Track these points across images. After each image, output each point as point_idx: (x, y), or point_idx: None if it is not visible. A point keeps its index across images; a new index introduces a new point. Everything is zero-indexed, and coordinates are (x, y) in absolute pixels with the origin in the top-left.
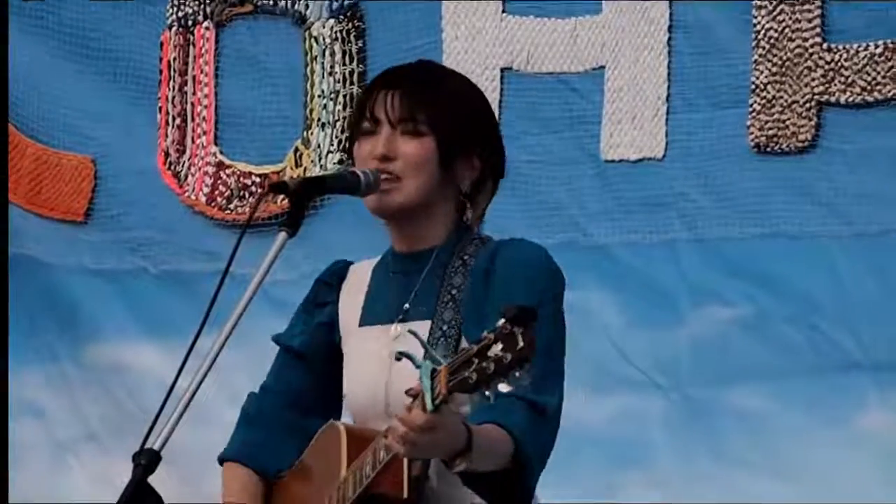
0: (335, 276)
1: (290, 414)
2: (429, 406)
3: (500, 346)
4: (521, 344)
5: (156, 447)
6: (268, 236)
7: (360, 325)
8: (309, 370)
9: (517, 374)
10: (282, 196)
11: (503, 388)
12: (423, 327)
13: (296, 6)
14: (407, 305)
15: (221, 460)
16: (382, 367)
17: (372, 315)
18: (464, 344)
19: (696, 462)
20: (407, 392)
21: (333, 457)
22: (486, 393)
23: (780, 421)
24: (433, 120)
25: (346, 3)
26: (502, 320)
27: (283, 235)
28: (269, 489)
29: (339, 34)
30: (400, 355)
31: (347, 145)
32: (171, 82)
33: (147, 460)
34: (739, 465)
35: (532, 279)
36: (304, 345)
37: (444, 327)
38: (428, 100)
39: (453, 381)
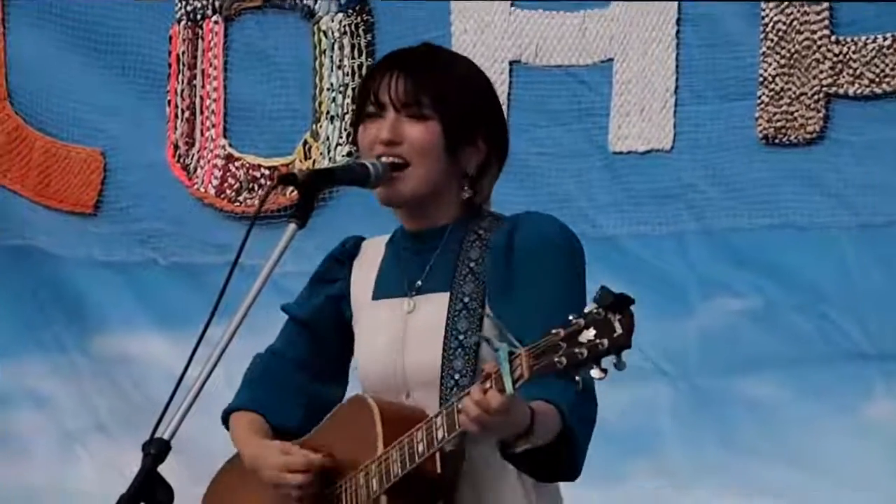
0: (346, 253)
1: (297, 376)
2: (508, 389)
3: (592, 331)
4: (618, 331)
5: (165, 437)
6: (277, 228)
7: (373, 299)
8: (315, 340)
9: (614, 360)
10: (291, 188)
11: (596, 374)
12: (441, 299)
13: (304, 0)
14: (420, 282)
15: (226, 415)
16: (396, 340)
17: (384, 289)
18: (488, 316)
19: (705, 451)
20: (481, 373)
21: (365, 431)
22: (577, 378)
23: (789, 410)
24: (438, 103)
25: None
26: (594, 306)
27: (292, 227)
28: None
29: (347, 28)
30: (481, 337)
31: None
32: (181, 76)
33: (157, 450)
34: (748, 454)
35: (553, 256)
36: (312, 316)
37: (465, 300)
38: (433, 83)
39: (538, 365)
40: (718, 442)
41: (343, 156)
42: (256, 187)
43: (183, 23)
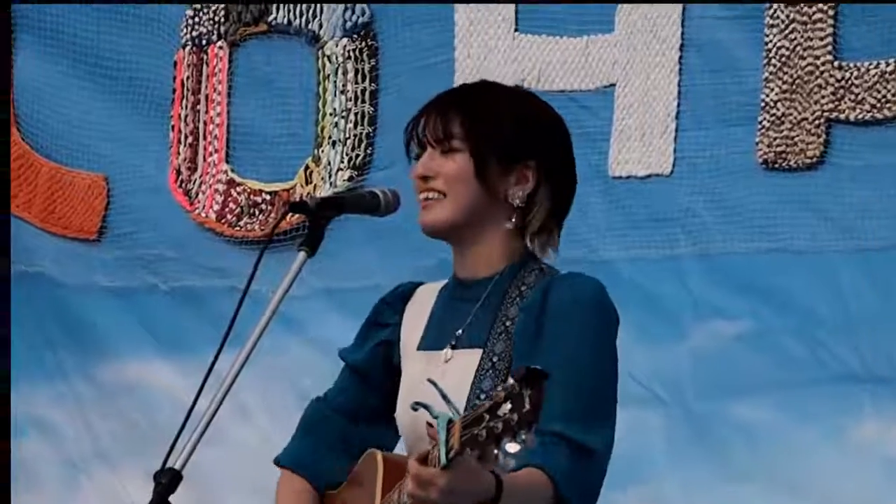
0: (399, 298)
1: (347, 426)
2: (442, 460)
3: (508, 405)
4: (527, 406)
5: (177, 467)
6: (279, 252)
7: (418, 349)
8: (367, 387)
9: (523, 435)
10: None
11: (511, 448)
12: (473, 356)
13: (310, 25)
14: (460, 332)
15: (278, 463)
16: (427, 392)
17: (429, 340)
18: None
19: (698, 476)
20: (428, 433)
21: (369, 484)
22: (496, 451)
23: (782, 434)
24: (466, 135)
25: (359, 21)
26: (511, 380)
27: (302, 255)
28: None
29: (352, 53)
30: (416, 406)
31: (357, 162)
32: (184, 101)
33: (168, 479)
34: (742, 479)
35: (581, 320)
36: (363, 362)
37: (495, 359)
38: (460, 116)
39: (466, 436)
40: (712, 467)
41: (344, 180)
42: (257, 212)
43: (188, 48)
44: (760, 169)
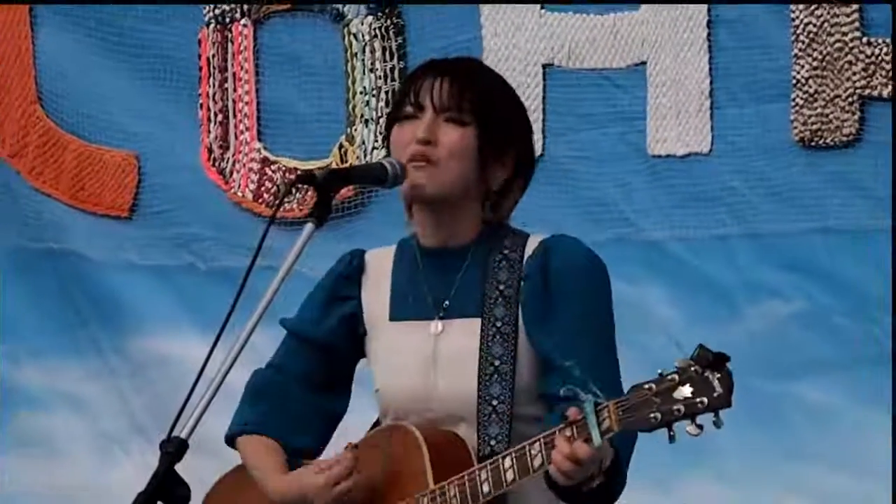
0: (355, 270)
1: (306, 394)
2: (596, 441)
3: (689, 389)
4: (718, 391)
5: (183, 435)
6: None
7: (391, 320)
8: (331, 358)
9: (713, 418)
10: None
11: (692, 430)
12: (471, 325)
13: (333, 3)
14: (447, 302)
15: (231, 437)
16: (426, 363)
17: (403, 310)
18: (523, 343)
19: (761, 455)
20: (563, 419)
21: (410, 460)
22: (671, 433)
23: (844, 413)
24: (478, 111)
25: None
26: (690, 362)
27: (309, 226)
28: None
29: (377, 31)
30: (567, 391)
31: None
32: (212, 79)
33: (174, 448)
34: (804, 458)
35: (588, 280)
36: (327, 337)
37: (498, 324)
38: (475, 90)
39: (629, 419)
40: (774, 446)
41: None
42: (294, 190)
43: (212, 26)
44: (798, 147)
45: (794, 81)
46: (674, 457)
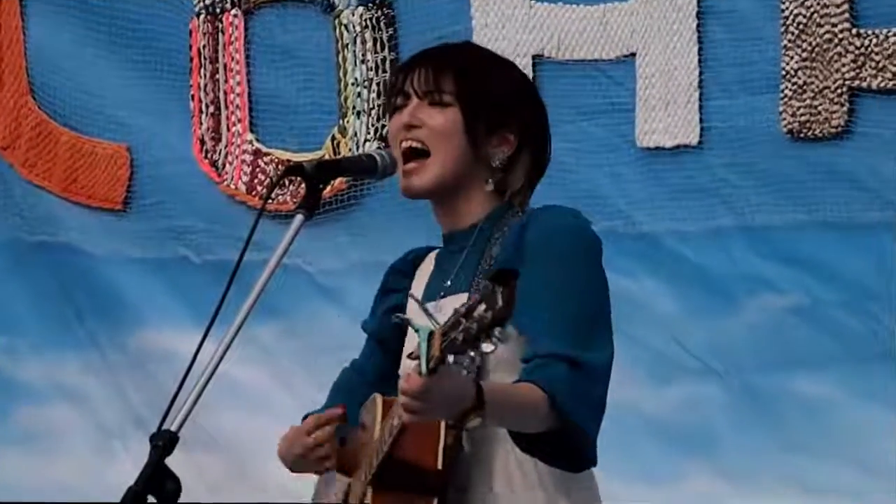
0: (409, 263)
1: (365, 384)
2: (423, 369)
3: (483, 306)
4: (500, 303)
5: (173, 428)
6: (314, 225)
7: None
8: (384, 351)
9: (497, 333)
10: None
11: (487, 347)
12: (460, 300)
13: None
14: (448, 282)
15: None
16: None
17: (424, 296)
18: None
19: (761, 449)
20: (409, 356)
21: (370, 425)
22: (472, 354)
23: (842, 407)
24: (459, 91)
25: None
26: (488, 282)
27: (299, 217)
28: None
29: (368, 22)
30: (397, 318)
31: (384, 133)
32: (203, 70)
33: (165, 441)
34: (802, 451)
35: (561, 244)
36: (378, 330)
37: None
38: (454, 72)
39: (445, 343)
40: (774, 440)
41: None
42: (287, 182)
43: (202, 16)
44: (787, 138)
45: (783, 73)
46: (671, 450)
